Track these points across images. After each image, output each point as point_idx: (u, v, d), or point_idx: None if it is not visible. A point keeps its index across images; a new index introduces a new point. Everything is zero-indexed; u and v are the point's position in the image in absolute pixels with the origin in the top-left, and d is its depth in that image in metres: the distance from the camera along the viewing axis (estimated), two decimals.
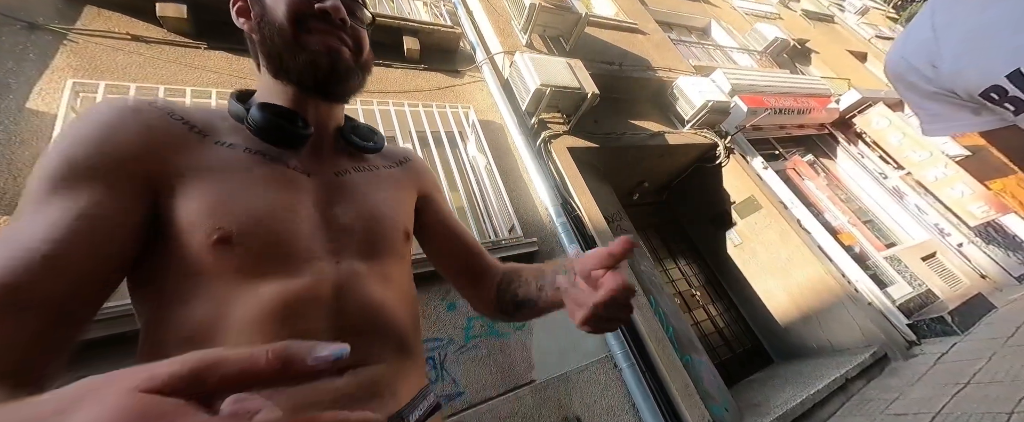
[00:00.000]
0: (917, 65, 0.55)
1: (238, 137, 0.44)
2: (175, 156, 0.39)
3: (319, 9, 0.46)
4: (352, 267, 0.44)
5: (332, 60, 0.46)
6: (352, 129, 0.54)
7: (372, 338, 0.43)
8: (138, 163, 0.37)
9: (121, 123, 0.37)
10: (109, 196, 0.34)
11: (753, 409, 2.58)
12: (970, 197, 4.36)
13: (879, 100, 5.21)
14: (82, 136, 0.36)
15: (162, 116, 0.40)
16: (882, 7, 11.00)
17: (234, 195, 0.39)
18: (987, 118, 0.53)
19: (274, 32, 0.45)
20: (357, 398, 0.39)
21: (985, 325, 3.10)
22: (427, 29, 2.98)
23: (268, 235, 0.39)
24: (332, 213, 0.46)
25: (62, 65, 1.89)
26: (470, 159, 2.73)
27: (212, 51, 2.31)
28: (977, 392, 2.06)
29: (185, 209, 0.37)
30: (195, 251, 0.36)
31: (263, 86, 0.49)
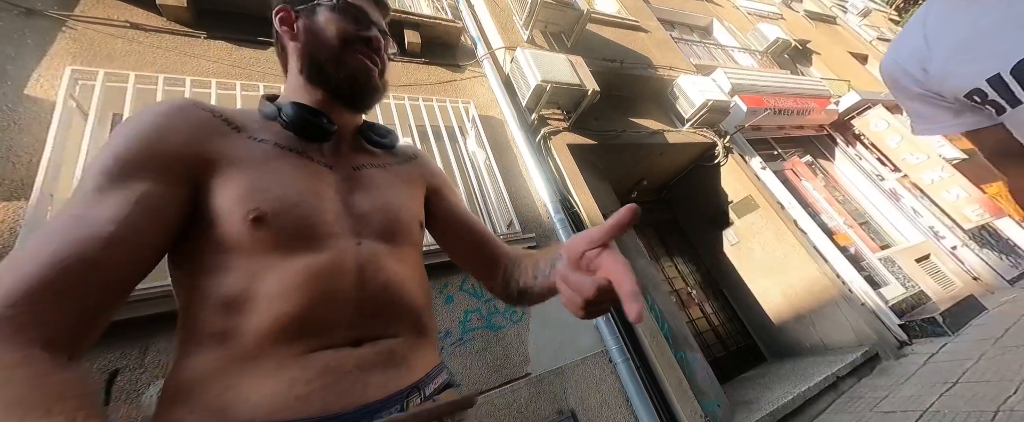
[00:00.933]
0: (909, 68, 0.59)
1: (268, 134, 0.50)
2: (215, 148, 0.45)
3: (363, 36, 0.55)
4: (373, 247, 0.49)
5: (367, 77, 0.55)
6: (370, 128, 0.61)
7: (391, 311, 0.48)
8: (184, 155, 0.42)
9: (168, 121, 0.43)
10: (158, 185, 0.40)
11: (745, 406, 2.62)
12: (965, 200, 4.40)
13: (878, 102, 5.23)
14: (133, 133, 0.41)
15: (205, 114, 0.47)
16: (884, 9, 10.99)
17: (266, 181, 0.45)
18: (967, 119, 0.56)
19: (323, 46, 0.53)
20: (378, 365, 0.43)
21: (975, 326, 3.15)
22: (428, 23, 2.97)
23: (297, 215, 0.44)
24: (352, 200, 0.51)
25: (61, 52, 1.87)
26: (470, 154, 2.73)
27: (212, 41, 2.29)
28: (965, 391, 2.10)
29: (224, 193, 0.42)
30: (233, 229, 0.41)
31: (293, 88, 0.56)
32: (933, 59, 0.55)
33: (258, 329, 0.39)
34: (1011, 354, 2.37)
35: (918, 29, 0.58)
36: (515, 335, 2.01)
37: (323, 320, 0.42)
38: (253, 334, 0.39)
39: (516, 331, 2.03)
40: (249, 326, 0.39)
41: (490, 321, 2.00)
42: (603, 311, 0.39)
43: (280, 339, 0.40)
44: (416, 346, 0.49)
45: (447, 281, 2.01)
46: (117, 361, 1.30)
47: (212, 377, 0.38)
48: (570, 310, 0.38)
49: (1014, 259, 4.80)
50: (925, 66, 0.56)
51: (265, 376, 0.38)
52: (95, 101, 1.75)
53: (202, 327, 0.40)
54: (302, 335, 0.41)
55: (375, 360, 0.44)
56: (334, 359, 0.41)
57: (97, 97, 1.76)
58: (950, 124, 0.58)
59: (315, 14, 0.54)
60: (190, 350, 0.40)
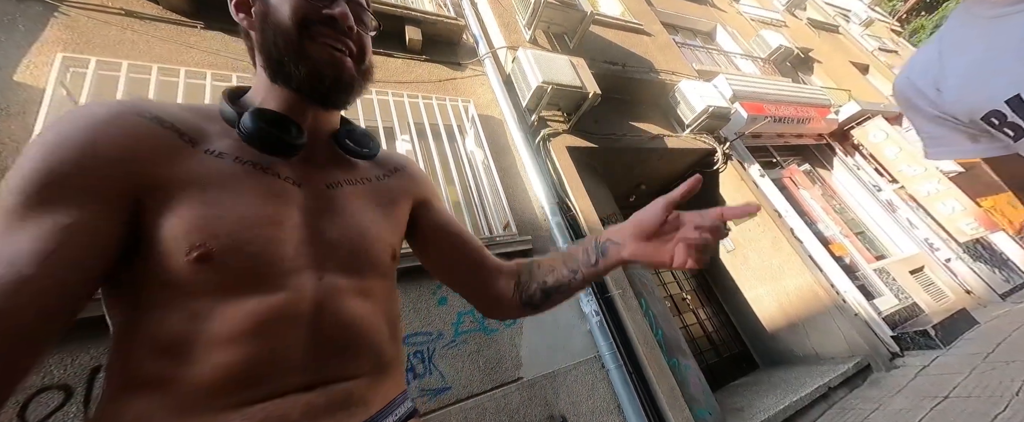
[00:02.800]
0: (922, 88, 0.57)
1: (228, 143, 0.43)
2: (160, 168, 0.37)
3: (327, 15, 0.44)
4: (334, 282, 0.43)
5: (336, 71, 0.45)
6: (347, 134, 0.52)
7: (349, 354, 0.43)
8: (121, 177, 0.35)
9: (103, 132, 0.35)
10: (90, 210, 0.33)
11: (736, 413, 2.62)
12: (961, 213, 4.42)
13: (878, 113, 5.24)
14: (62, 144, 0.34)
15: (149, 124, 0.38)
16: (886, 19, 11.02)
17: (219, 210, 0.38)
18: (984, 145, 0.54)
19: (278, 36, 0.43)
20: (326, 410, 0.39)
21: (967, 340, 3.16)
22: (430, 20, 2.94)
23: (250, 252, 0.38)
24: (319, 227, 0.45)
25: (52, 38, 1.83)
26: (468, 154, 2.71)
27: (209, 31, 2.26)
28: (955, 406, 2.10)
29: (167, 223, 0.36)
30: (174, 265, 0.35)
31: (259, 87, 0.48)
32: (947, 78, 0.53)
33: (196, 380, 0.34)
34: (1001, 370, 2.38)
35: (933, 48, 0.56)
36: (508, 338, 2.00)
37: (271, 370, 0.37)
38: (189, 385, 0.34)
39: (509, 334, 2.01)
40: (186, 375, 0.34)
41: (483, 323, 1.98)
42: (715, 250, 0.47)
43: (220, 391, 0.35)
44: (376, 382, 0.44)
45: (440, 283, 1.98)
46: (100, 357, 1.28)
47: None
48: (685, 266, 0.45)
49: (1007, 273, 4.83)
50: (939, 86, 0.54)
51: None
52: (86, 89, 1.71)
53: (135, 371, 0.35)
54: (246, 386, 0.36)
55: (326, 406, 0.39)
56: (279, 408, 0.37)
57: (89, 85, 1.73)
58: (967, 149, 0.56)
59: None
60: (119, 395, 0.35)
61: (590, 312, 2.24)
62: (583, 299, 2.27)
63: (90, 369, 1.25)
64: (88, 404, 1.20)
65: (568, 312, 2.25)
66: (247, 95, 0.49)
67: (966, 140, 0.55)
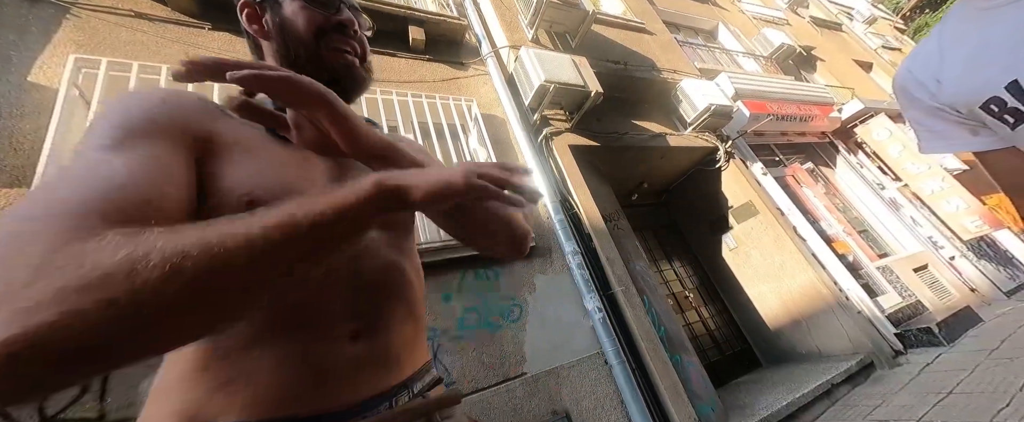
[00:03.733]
0: (922, 79, 0.58)
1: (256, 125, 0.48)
2: (216, 128, 0.43)
3: (337, 22, 0.51)
4: (374, 237, 0.48)
5: (350, 73, 0.52)
6: None
7: (386, 298, 0.47)
8: (188, 129, 0.40)
9: (167, 100, 0.41)
10: (170, 150, 0.36)
11: (739, 410, 2.63)
12: (965, 211, 4.40)
13: (881, 111, 5.22)
14: (138, 103, 0.38)
15: (196, 98, 0.45)
16: (890, 17, 10.96)
17: (260, 165, 0.43)
18: (984, 138, 0.55)
19: (299, 46, 0.49)
20: (369, 364, 0.43)
21: (971, 337, 3.15)
22: (433, 19, 2.96)
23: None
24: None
25: (64, 39, 1.87)
26: (471, 152, 2.73)
27: (216, 32, 2.29)
28: (958, 402, 2.10)
29: (223, 173, 0.40)
30: (230, 211, 0.36)
31: None
32: (947, 69, 0.55)
33: (256, 319, 0.38)
34: (1005, 367, 2.38)
35: (933, 42, 0.58)
36: (512, 335, 2.02)
37: (321, 309, 0.42)
38: (248, 327, 0.38)
39: (513, 331, 2.03)
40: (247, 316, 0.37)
41: (487, 320, 2.00)
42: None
43: (275, 331, 0.39)
44: (409, 341, 0.49)
45: (445, 279, 2.01)
46: None
47: (197, 375, 0.37)
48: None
49: (1011, 271, 4.80)
50: (939, 77, 0.56)
51: (256, 374, 0.37)
52: (98, 90, 1.75)
53: None
54: (300, 325, 0.40)
55: (370, 360, 0.43)
56: (329, 359, 0.40)
57: (100, 86, 1.76)
58: (967, 142, 0.57)
59: (280, 6, 0.50)
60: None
61: (593, 309, 2.26)
62: (586, 295, 2.29)
63: None
64: (104, 396, 1.23)
65: (571, 309, 2.27)
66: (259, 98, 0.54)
67: (966, 133, 0.56)
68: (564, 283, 2.34)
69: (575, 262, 2.38)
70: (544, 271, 2.33)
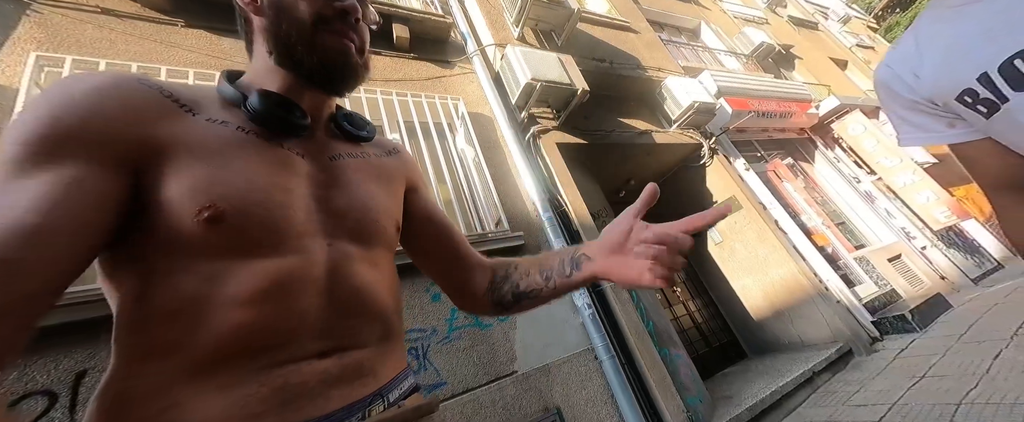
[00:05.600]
0: (902, 74, 0.61)
1: (230, 116, 0.43)
2: (160, 129, 0.37)
3: (339, 8, 0.47)
4: (344, 249, 0.44)
5: (344, 59, 0.48)
6: (345, 117, 0.55)
7: (360, 319, 0.44)
8: (124, 137, 0.35)
9: (108, 94, 0.36)
10: (93, 166, 0.33)
11: (726, 401, 2.69)
12: (935, 202, 4.60)
13: (857, 107, 5.41)
14: (68, 102, 0.34)
15: (149, 90, 0.39)
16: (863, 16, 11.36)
17: (226, 172, 0.38)
18: (959, 131, 0.58)
19: (292, 26, 0.45)
20: (342, 379, 0.41)
21: (942, 323, 3.30)
22: (417, 17, 2.92)
23: (262, 214, 0.39)
24: (327, 196, 0.46)
25: (25, 36, 1.77)
26: (458, 151, 2.71)
27: (190, 29, 2.21)
28: (931, 385, 2.20)
29: (174, 184, 0.36)
30: (185, 227, 0.35)
31: (259, 70, 0.49)
32: (924, 64, 0.58)
33: (213, 340, 0.34)
34: (973, 350, 2.50)
35: (910, 37, 0.61)
36: (502, 333, 2.01)
37: (288, 330, 0.38)
38: (206, 346, 0.34)
39: (503, 329, 2.03)
40: (202, 337, 0.34)
41: (477, 319, 1.99)
42: (681, 264, 0.44)
43: (238, 352, 0.35)
44: (384, 353, 0.46)
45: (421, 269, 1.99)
46: (85, 361, 1.25)
47: (153, 393, 0.33)
48: (652, 283, 0.44)
49: (978, 259, 5.05)
50: (917, 72, 0.59)
51: (215, 393, 0.34)
52: None
53: (146, 339, 0.34)
54: (264, 348, 0.37)
55: (340, 374, 0.41)
56: (296, 375, 0.37)
57: None
58: (944, 134, 0.59)
59: None
60: (128, 362, 0.35)
61: (582, 305, 2.27)
62: (575, 293, 2.30)
63: (75, 374, 1.23)
64: (74, 410, 1.18)
65: (561, 306, 2.28)
66: (243, 77, 0.49)
67: (943, 126, 0.59)
68: None
69: None
70: None
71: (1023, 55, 0.47)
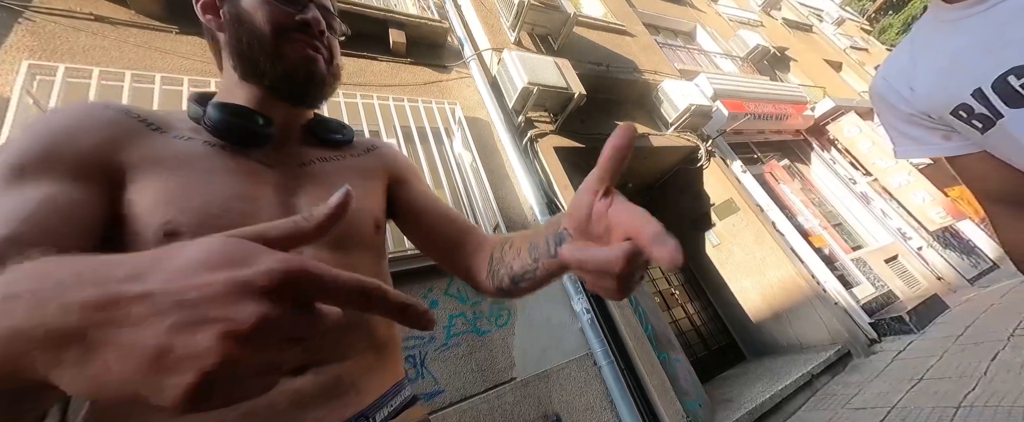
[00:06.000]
0: (897, 87, 0.61)
1: (197, 132, 0.44)
2: (129, 149, 0.39)
3: (300, 20, 0.46)
4: (315, 255, 0.42)
5: (309, 71, 0.47)
6: (318, 122, 0.54)
7: (337, 332, 0.40)
8: (95, 156, 0.37)
9: (78, 120, 0.38)
10: (70, 185, 0.34)
11: (725, 405, 2.68)
12: (930, 203, 4.63)
13: (851, 109, 5.45)
14: (40, 132, 0.37)
15: (117, 114, 0.41)
16: (857, 19, 11.47)
17: (188, 186, 0.39)
18: (955, 144, 0.58)
19: (253, 38, 0.45)
20: (316, 398, 0.38)
21: (939, 324, 3.31)
22: (414, 22, 2.92)
23: (220, 226, 0.37)
24: (295, 202, 0.45)
25: (17, 45, 1.76)
26: (456, 156, 2.71)
27: (185, 36, 2.20)
28: (929, 388, 2.20)
29: (139, 201, 0.37)
30: (148, 242, 0.36)
31: (227, 86, 0.49)
32: (919, 77, 0.57)
33: None
34: (970, 351, 2.50)
35: (905, 49, 0.61)
36: (500, 339, 2.00)
37: None
38: None
39: (501, 335, 2.02)
40: None
41: (475, 325, 1.98)
42: (638, 280, 0.30)
43: None
44: (370, 367, 0.43)
45: (431, 285, 1.98)
46: None
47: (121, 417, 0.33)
48: (604, 295, 0.30)
49: (974, 259, 5.08)
50: (912, 85, 0.58)
51: (170, 419, 0.32)
52: (55, 97, 1.65)
53: None
54: None
55: (316, 392, 0.38)
56: (265, 397, 0.34)
57: (57, 93, 1.66)
58: (940, 146, 0.59)
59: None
60: None
61: (581, 310, 2.27)
62: (574, 297, 2.30)
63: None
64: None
65: (560, 311, 2.27)
66: (215, 97, 0.49)
67: (939, 138, 0.59)
68: (552, 285, 2.34)
69: None
70: None
71: (1017, 71, 0.47)
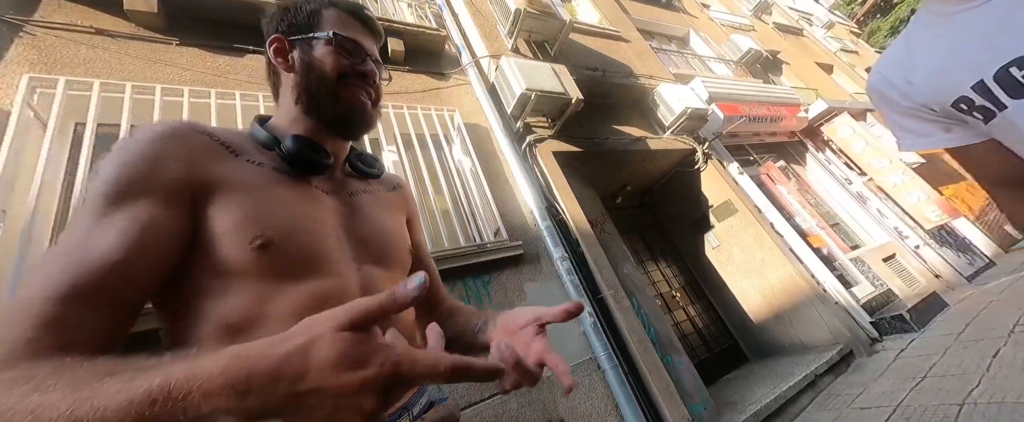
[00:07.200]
0: (894, 81, 0.60)
1: (265, 157, 0.51)
2: (215, 172, 0.45)
3: (360, 71, 0.57)
4: (371, 272, 0.52)
5: (361, 114, 0.57)
6: (358, 157, 0.64)
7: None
8: (183, 178, 0.42)
9: (167, 143, 0.43)
10: (161, 208, 0.40)
11: (729, 407, 2.67)
12: (925, 202, 4.67)
13: (844, 110, 5.52)
14: (135, 156, 0.41)
15: (203, 137, 0.47)
16: (846, 23, 11.67)
17: (269, 207, 0.45)
18: (958, 134, 0.58)
19: (321, 82, 0.54)
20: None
21: (939, 322, 3.32)
22: (412, 31, 2.96)
23: (302, 242, 0.46)
24: (351, 226, 0.54)
25: (17, 58, 1.77)
26: (455, 162, 2.72)
27: (184, 48, 2.21)
28: (932, 385, 2.20)
29: (225, 217, 0.42)
30: (236, 254, 0.42)
31: (288, 117, 0.57)
32: (918, 70, 0.57)
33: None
34: (972, 349, 2.51)
35: (902, 45, 0.61)
36: None
37: None
38: None
39: None
40: None
41: None
42: (518, 385, 0.41)
43: None
44: None
45: None
46: None
47: None
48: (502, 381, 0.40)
49: (970, 257, 5.11)
50: (910, 79, 0.58)
51: None
52: (55, 110, 1.65)
53: (203, 346, 0.40)
54: None
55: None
56: None
57: (57, 106, 1.66)
58: (942, 138, 0.59)
59: (311, 48, 0.55)
60: None
61: (583, 314, 2.26)
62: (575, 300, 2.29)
63: None
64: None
65: None
66: (272, 121, 0.58)
67: (941, 131, 0.59)
68: (554, 289, 2.34)
69: (564, 268, 2.38)
70: (533, 278, 2.33)
71: (1019, 62, 0.47)
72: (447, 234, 2.25)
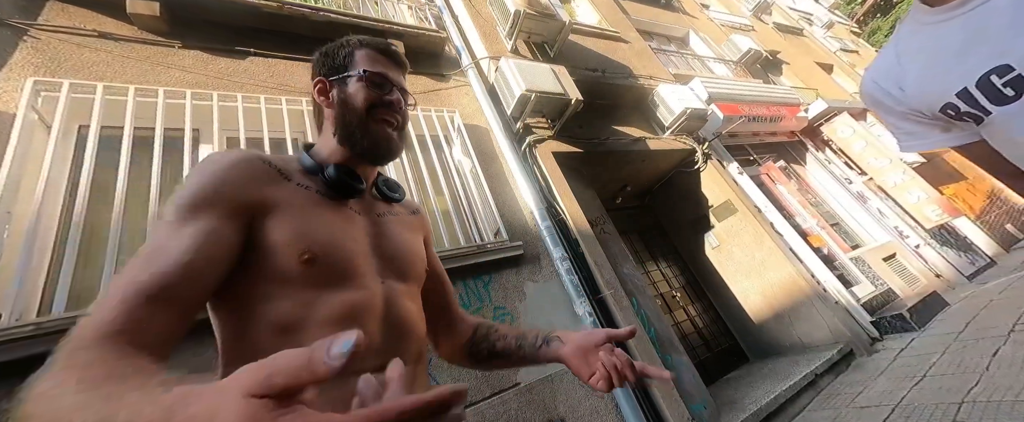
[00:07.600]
0: (886, 87, 0.62)
1: (309, 182, 0.59)
2: (270, 193, 0.53)
3: (387, 101, 0.64)
4: (394, 286, 0.59)
5: (388, 144, 0.65)
6: (384, 182, 0.72)
7: (405, 341, 0.57)
8: (245, 198, 0.50)
9: (232, 167, 0.51)
10: (224, 220, 0.48)
11: (730, 406, 2.68)
12: (926, 201, 4.67)
13: (844, 110, 5.52)
14: (208, 176, 0.50)
15: (263, 165, 0.55)
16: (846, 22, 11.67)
17: (314, 225, 0.54)
18: (956, 134, 0.59)
19: (353, 116, 0.62)
20: None
21: (939, 321, 3.33)
22: (412, 33, 2.97)
23: (339, 257, 0.54)
24: (378, 244, 0.62)
25: (21, 62, 1.78)
26: (455, 163, 2.73)
27: (187, 50, 2.23)
28: (932, 384, 2.21)
29: (277, 232, 0.51)
30: (287, 264, 0.50)
31: (328, 147, 0.65)
32: (907, 77, 0.59)
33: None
34: (971, 348, 2.51)
35: (891, 50, 0.62)
36: None
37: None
38: None
39: None
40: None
41: None
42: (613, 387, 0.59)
43: None
44: (417, 372, 0.58)
45: None
46: None
47: None
48: (595, 385, 0.60)
49: (971, 256, 5.11)
50: (901, 85, 0.60)
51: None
52: (59, 113, 1.67)
53: (256, 345, 0.47)
54: None
55: None
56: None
57: (61, 109, 1.68)
58: (940, 139, 0.60)
59: (346, 84, 0.64)
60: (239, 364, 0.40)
61: (583, 313, 2.27)
62: (576, 301, 2.30)
63: None
64: None
65: (562, 314, 2.28)
66: (315, 148, 0.66)
67: (938, 132, 0.60)
68: (554, 289, 2.35)
69: (564, 268, 2.39)
70: (534, 278, 2.34)
71: (999, 71, 0.48)
72: (447, 234, 2.26)
